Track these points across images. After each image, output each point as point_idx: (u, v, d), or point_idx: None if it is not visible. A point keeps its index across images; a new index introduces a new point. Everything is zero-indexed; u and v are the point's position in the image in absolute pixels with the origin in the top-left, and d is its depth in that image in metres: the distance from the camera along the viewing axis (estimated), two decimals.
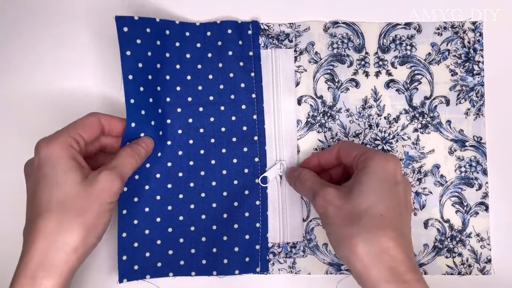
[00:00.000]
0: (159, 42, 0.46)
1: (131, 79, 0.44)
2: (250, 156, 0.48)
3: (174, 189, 0.47)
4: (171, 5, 0.50)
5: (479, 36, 0.49)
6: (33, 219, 0.37)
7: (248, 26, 0.48)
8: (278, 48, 0.49)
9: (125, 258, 0.45)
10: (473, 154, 0.48)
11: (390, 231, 0.37)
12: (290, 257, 0.48)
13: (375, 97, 0.49)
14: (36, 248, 0.36)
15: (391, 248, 0.36)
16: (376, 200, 0.38)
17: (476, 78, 0.48)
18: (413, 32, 0.49)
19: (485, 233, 0.48)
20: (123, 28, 0.44)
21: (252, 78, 0.48)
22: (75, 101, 0.49)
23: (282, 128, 0.48)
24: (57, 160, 0.38)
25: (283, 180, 0.48)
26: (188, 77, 0.48)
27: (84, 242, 0.38)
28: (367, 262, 0.36)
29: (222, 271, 0.46)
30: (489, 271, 0.47)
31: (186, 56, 0.47)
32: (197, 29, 0.48)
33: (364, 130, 0.49)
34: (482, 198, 0.48)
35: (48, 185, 0.38)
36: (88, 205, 0.38)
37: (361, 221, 0.37)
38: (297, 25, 0.49)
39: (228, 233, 0.47)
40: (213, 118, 0.48)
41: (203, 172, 0.47)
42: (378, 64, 0.49)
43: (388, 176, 0.39)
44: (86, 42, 0.50)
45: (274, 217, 0.48)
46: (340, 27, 0.49)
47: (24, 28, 0.50)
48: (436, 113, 0.48)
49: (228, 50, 0.48)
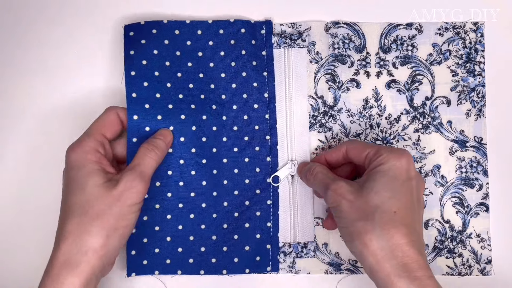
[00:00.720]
0: (167, 41, 0.47)
1: (134, 74, 0.46)
2: (262, 155, 0.48)
3: (185, 187, 0.47)
4: (176, 7, 0.50)
5: (480, 36, 0.49)
6: (61, 222, 0.40)
7: (261, 26, 0.48)
8: (291, 48, 0.48)
9: (134, 253, 0.46)
10: (473, 155, 0.48)
11: (403, 228, 0.37)
12: (301, 257, 0.47)
13: (376, 97, 0.49)
14: (60, 249, 0.38)
15: (404, 245, 0.37)
16: (389, 197, 0.38)
17: (477, 79, 0.48)
18: (414, 33, 0.49)
19: (485, 234, 0.48)
20: (129, 33, 0.47)
21: (264, 77, 0.48)
22: (84, 100, 0.49)
23: (294, 128, 0.48)
24: (82, 164, 0.40)
25: (294, 180, 0.48)
26: (201, 75, 0.48)
27: (105, 244, 0.39)
28: (380, 257, 0.37)
29: (232, 270, 0.47)
30: (489, 271, 0.47)
31: (198, 54, 0.47)
32: (209, 26, 0.48)
33: (365, 130, 0.49)
34: (482, 199, 0.48)
35: (73, 189, 0.40)
36: (107, 207, 0.39)
37: (374, 217, 0.38)
38: (298, 25, 0.49)
39: (239, 232, 0.47)
40: (226, 116, 0.48)
41: (215, 170, 0.47)
42: (379, 64, 0.49)
43: (401, 172, 0.40)
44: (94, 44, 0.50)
45: (285, 217, 0.48)
46: (341, 27, 0.49)
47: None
48: (437, 113, 0.48)
49: (241, 49, 0.48)
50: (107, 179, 0.40)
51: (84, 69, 0.49)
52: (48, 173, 0.48)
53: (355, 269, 0.48)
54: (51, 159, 0.48)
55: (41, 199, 0.48)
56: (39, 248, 0.48)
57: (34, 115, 0.49)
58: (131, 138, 0.45)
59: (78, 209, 0.39)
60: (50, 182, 0.48)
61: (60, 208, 0.41)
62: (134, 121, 0.46)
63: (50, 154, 0.48)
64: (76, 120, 0.48)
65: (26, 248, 0.48)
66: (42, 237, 0.48)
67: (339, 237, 0.48)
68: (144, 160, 0.42)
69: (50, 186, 0.48)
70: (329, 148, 0.48)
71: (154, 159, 0.43)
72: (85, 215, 0.39)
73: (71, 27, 0.50)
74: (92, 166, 0.40)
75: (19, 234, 0.48)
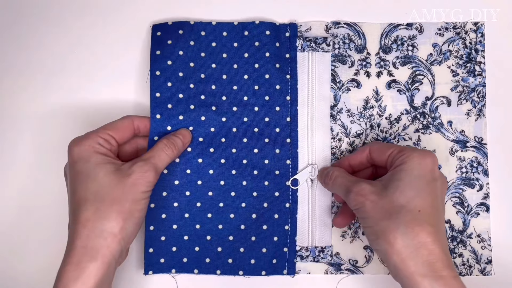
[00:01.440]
0: (193, 42, 0.48)
1: (158, 74, 0.47)
2: (282, 158, 0.48)
3: (203, 186, 0.47)
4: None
5: (480, 37, 0.49)
6: (74, 212, 0.40)
7: (286, 28, 0.48)
8: (315, 52, 0.48)
9: (151, 250, 0.46)
10: (474, 155, 0.48)
11: (428, 227, 0.37)
12: (318, 261, 0.47)
13: (376, 98, 0.49)
14: (78, 236, 0.39)
15: (429, 243, 0.37)
16: (414, 196, 0.38)
17: (478, 79, 0.48)
18: (414, 33, 0.49)
19: (485, 234, 0.48)
20: (156, 33, 0.48)
21: (287, 80, 0.48)
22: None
23: (315, 132, 0.48)
24: (88, 155, 0.41)
25: (314, 184, 0.48)
26: (224, 76, 0.48)
27: (123, 229, 0.39)
28: (405, 255, 0.37)
29: (248, 271, 0.47)
30: (489, 272, 0.47)
31: (222, 56, 0.48)
32: (235, 28, 0.48)
33: (365, 130, 0.49)
34: (483, 199, 0.48)
35: (83, 180, 0.40)
36: (122, 194, 0.40)
37: (399, 215, 0.38)
38: (298, 25, 0.49)
39: (256, 233, 0.47)
40: (247, 118, 0.48)
41: (234, 171, 0.47)
42: (379, 64, 0.49)
43: (426, 172, 0.40)
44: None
45: (303, 221, 0.48)
46: (342, 27, 0.49)
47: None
48: (437, 113, 0.48)
49: (265, 51, 0.48)
50: (116, 168, 0.41)
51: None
52: (49, 174, 0.49)
53: (355, 269, 0.48)
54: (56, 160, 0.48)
55: (41, 200, 0.49)
56: (38, 249, 0.48)
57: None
58: (152, 136, 0.47)
59: (93, 197, 0.39)
60: (50, 183, 0.48)
61: (68, 202, 0.41)
62: (156, 120, 0.47)
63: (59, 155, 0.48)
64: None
65: (26, 248, 0.48)
66: (42, 237, 0.48)
67: (340, 237, 0.48)
68: (160, 155, 0.43)
69: (50, 187, 0.48)
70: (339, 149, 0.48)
71: (169, 156, 0.44)
72: (102, 202, 0.39)
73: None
74: (100, 156, 0.41)
75: (19, 234, 0.48)
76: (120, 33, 0.50)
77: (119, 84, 0.49)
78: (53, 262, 0.42)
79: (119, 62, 0.50)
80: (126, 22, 0.50)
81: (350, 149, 0.48)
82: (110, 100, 0.49)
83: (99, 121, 0.49)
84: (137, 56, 0.49)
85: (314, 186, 0.48)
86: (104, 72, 0.50)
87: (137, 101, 0.49)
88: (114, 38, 0.50)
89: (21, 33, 0.50)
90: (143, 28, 0.50)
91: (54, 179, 0.48)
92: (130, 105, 0.49)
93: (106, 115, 0.49)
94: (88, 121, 0.49)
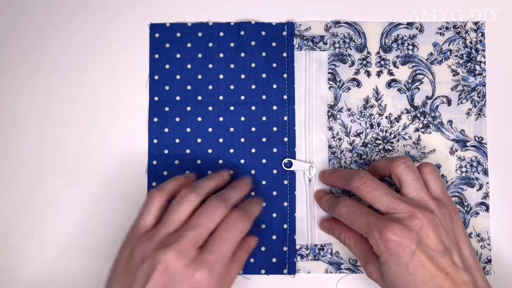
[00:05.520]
0: (190, 44, 0.48)
1: (157, 79, 0.48)
2: (279, 157, 0.48)
3: None
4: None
5: (481, 36, 0.49)
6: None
7: (283, 28, 0.48)
8: (312, 50, 0.48)
9: None
10: (474, 154, 0.48)
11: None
12: (319, 259, 0.47)
13: (376, 97, 0.49)
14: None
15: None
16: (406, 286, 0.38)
17: (478, 79, 0.49)
18: (415, 32, 0.49)
19: (485, 233, 0.48)
20: (155, 34, 0.49)
21: (284, 79, 0.48)
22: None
23: (313, 131, 0.48)
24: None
25: (311, 182, 0.48)
26: (221, 76, 0.48)
27: None
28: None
29: (248, 270, 0.47)
30: (489, 271, 0.47)
31: (219, 56, 0.48)
32: (231, 28, 0.48)
33: (365, 130, 0.49)
34: (482, 198, 0.48)
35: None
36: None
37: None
38: (298, 25, 0.49)
39: (255, 232, 0.47)
40: (244, 117, 0.48)
41: (232, 171, 0.47)
42: (379, 63, 0.49)
43: (400, 258, 0.38)
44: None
45: (302, 219, 0.48)
46: (342, 26, 0.49)
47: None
48: (438, 113, 0.48)
49: (262, 51, 0.48)
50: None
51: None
52: (49, 174, 0.48)
53: (355, 269, 0.48)
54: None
55: (41, 200, 0.48)
56: (39, 249, 0.48)
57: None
58: (151, 139, 0.48)
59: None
60: (50, 183, 0.48)
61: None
62: (154, 123, 0.48)
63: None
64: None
65: (26, 248, 0.48)
66: (42, 237, 0.48)
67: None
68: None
69: (50, 187, 0.48)
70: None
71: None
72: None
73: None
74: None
75: (19, 234, 0.48)
76: (120, 33, 0.50)
77: (119, 84, 0.49)
78: (53, 263, 0.43)
79: (119, 62, 0.49)
80: (126, 22, 0.50)
81: (350, 148, 0.48)
82: (110, 100, 0.49)
83: (99, 121, 0.49)
84: (137, 57, 0.49)
85: (312, 184, 0.48)
86: (104, 72, 0.49)
87: (137, 101, 0.49)
88: (114, 38, 0.50)
89: (21, 33, 0.50)
90: (143, 28, 0.49)
91: (54, 179, 0.48)
92: (130, 105, 0.49)
93: (106, 115, 0.49)
94: (88, 121, 0.49)
